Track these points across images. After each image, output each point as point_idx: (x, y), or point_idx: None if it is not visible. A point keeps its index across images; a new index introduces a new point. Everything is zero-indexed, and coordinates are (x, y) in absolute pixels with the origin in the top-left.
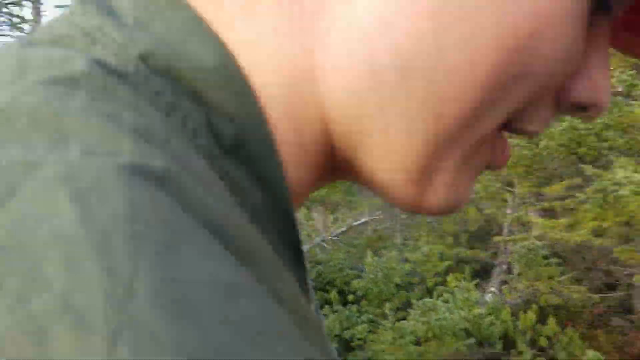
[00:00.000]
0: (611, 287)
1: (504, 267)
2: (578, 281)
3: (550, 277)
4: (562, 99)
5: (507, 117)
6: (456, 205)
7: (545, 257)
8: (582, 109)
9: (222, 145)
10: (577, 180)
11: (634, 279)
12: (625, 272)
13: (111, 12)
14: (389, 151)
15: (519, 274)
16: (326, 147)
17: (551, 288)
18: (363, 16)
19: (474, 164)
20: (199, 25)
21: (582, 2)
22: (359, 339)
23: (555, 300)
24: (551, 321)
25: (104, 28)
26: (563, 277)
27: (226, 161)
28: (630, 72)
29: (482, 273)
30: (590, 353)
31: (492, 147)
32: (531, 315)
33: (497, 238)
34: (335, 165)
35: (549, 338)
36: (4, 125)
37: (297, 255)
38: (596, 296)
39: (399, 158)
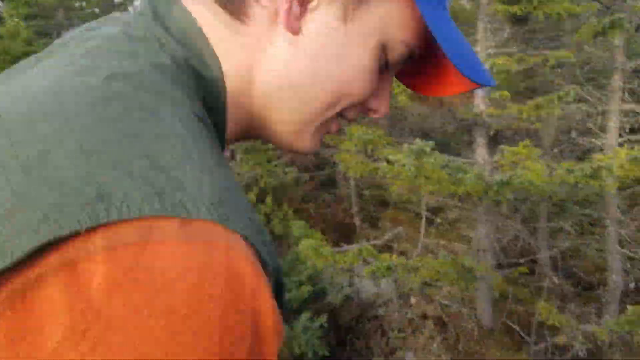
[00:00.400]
0: (319, 167)
1: (228, 155)
2: (292, 163)
3: (269, 161)
4: (365, 105)
5: (339, 111)
6: (312, 150)
7: (264, 144)
8: (373, 111)
9: (205, 104)
10: None
11: (335, 157)
12: (329, 153)
13: (167, 28)
14: (280, 122)
15: (241, 160)
16: (248, 115)
17: (269, 171)
18: (275, 59)
19: (322, 130)
20: (211, 50)
21: (375, 68)
22: None
23: (273, 181)
24: (269, 200)
25: (166, 37)
26: (279, 161)
27: (206, 112)
28: None
29: None
30: (297, 223)
31: (331, 123)
32: (252, 197)
33: None
34: (251, 126)
35: (266, 215)
36: (139, 81)
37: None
38: (307, 175)
39: (285, 125)
